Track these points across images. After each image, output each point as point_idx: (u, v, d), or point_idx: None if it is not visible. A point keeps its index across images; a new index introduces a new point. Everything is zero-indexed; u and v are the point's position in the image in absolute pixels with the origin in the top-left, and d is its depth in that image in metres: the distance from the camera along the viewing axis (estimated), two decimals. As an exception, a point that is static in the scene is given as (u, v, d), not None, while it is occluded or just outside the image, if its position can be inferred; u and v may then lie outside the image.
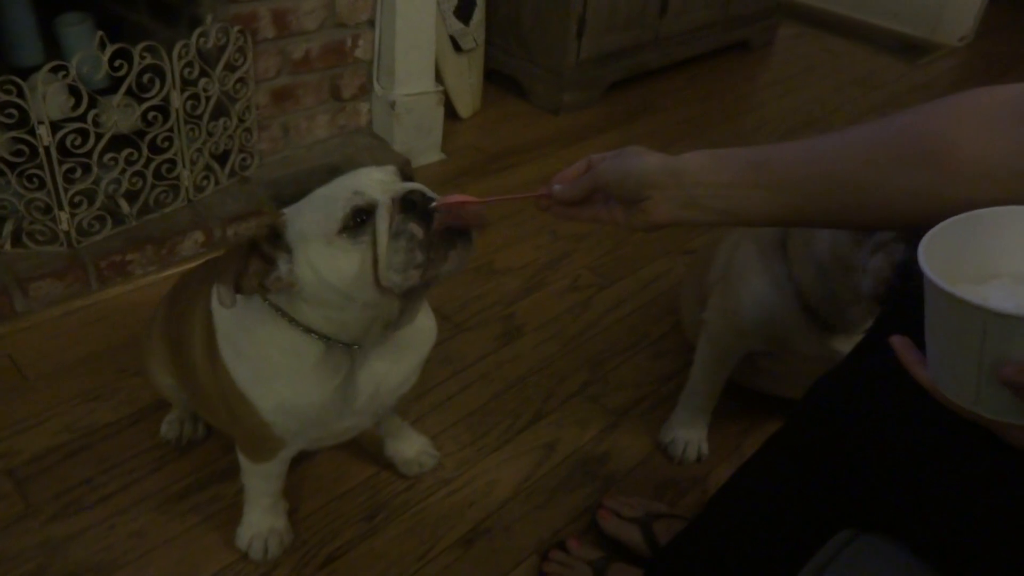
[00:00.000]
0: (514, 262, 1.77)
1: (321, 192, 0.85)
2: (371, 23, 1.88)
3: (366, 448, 1.28)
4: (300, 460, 1.24)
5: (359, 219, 0.81)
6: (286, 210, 0.88)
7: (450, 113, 2.24)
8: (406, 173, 0.88)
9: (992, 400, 0.56)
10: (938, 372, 0.59)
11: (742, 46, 3.07)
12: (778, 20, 3.18)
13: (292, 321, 0.90)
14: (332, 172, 1.84)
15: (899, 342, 0.62)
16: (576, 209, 0.81)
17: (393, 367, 1.00)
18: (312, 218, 0.83)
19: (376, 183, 0.84)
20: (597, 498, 1.26)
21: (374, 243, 0.82)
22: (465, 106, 2.31)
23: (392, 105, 1.95)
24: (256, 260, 0.84)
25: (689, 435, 1.34)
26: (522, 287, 1.70)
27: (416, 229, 0.81)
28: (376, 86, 1.97)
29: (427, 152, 2.08)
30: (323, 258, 0.83)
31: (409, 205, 0.82)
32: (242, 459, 1.07)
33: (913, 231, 0.65)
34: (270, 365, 0.93)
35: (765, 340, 1.21)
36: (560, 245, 1.84)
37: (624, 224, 0.79)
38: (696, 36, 2.79)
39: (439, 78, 2.11)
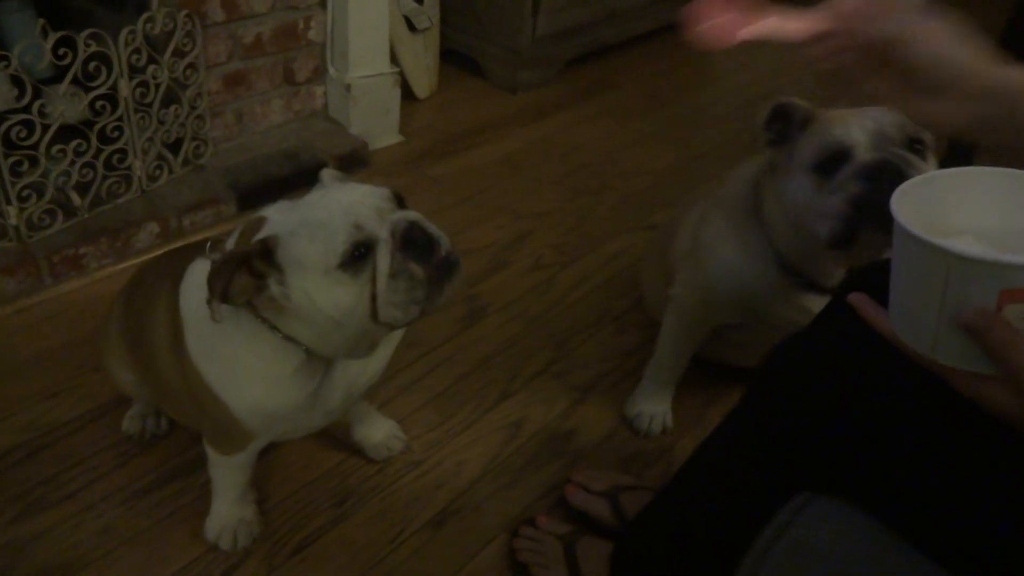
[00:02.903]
0: (476, 243, 1.77)
1: (317, 217, 0.82)
2: (323, 5, 1.86)
3: (334, 434, 1.28)
4: (267, 449, 1.23)
5: (359, 253, 0.81)
6: (277, 226, 0.84)
7: (407, 94, 2.21)
8: (399, 197, 0.88)
9: (949, 347, 0.57)
10: (899, 321, 0.61)
11: (697, 20, 3.07)
12: (732, -7, 3.19)
13: (273, 327, 0.89)
14: (289, 157, 1.83)
15: (856, 298, 0.63)
16: (854, 57, 0.67)
17: (367, 364, 1.01)
18: (310, 248, 0.82)
19: (373, 211, 0.83)
20: (565, 474, 1.27)
21: (373, 278, 0.82)
22: (422, 87, 2.29)
23: (347, 88, 1.93)
24: (244, 276, 0.83)
25: (654, 408, 1.36)
26: (485, 268, 1.70)
27: (417, 270, 0.82)
28: (330, 69, 1.94)
29: (385, 134, 2.07)
30: (320, 289, 0.83)
31: (409, 243, 0.82)
32: (210, 451, 1.07)
33: None
34: (245, 368, 0.92)
35: (738, 311, 1.22)
36: (522, 224, 1.85)
37: (897, 105, 0.66)
38: (651, 11, 2.79)
39: (395, 59, 2.09)
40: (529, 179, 2.02)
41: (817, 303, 1.11)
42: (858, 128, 0.98)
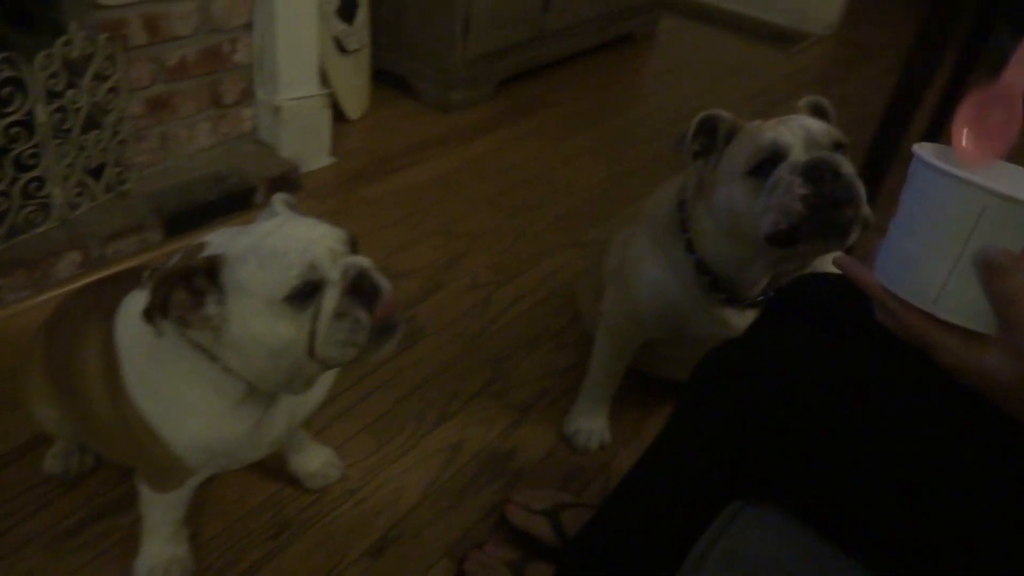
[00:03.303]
0: (412, 264, 1.76)
1: (271, 246, 0.81)
2: (249, 27, 1.83)
3: (268, 464, 1.25)
4: (201, 482, 1.20)
5: (307, 290, 0.81)
6: (222, 249, 0.83)
7: (338, 116, 2.20)
8: (353, 241, 0.87)
9: (955, 298, 0.56)
10: (897, 273, 0.59)
11: (626, 39, 3.14)
12: (658, 13, 3.27)
13: (213, 358, 0.87)
14: (218, 181, 1.80)
15: (842, 259, 0.64)
16: None
17: (308, 394, 0.99)
18: (258, 275, 0.81)
19: (327, 253, 0.83)
20: (506, 495, 1.27)
21: (316, 316, 0.82)
22: (353, 108, 2.28)
23: (277, 110, 1.90)
24: (183, 291, 0.81)
25: (591, 424, 1.37)
26: (421, 289, 1.69)
27: (363, 316, 0.83)
28: (259, 91, 1.91)
29: (316, 156, 2.04)
30: (260, 318, 0.82)
31: (357, 289, 0.82)
32: (143, 488, 1.03)
33: None
34: (186, 402, 0.90)
35: (665, 327, 1.24)
36: (457, 244, 1.85)
37: None
38: (580, 30, 2.84)
39: (325, 80, 2.07)
40: (464, 199, 2.02)
41: (740, 318, 1.14)
42: (789, 132, 1.01)
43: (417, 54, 2.43)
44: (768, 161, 1.01)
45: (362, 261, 0.85)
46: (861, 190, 0.98)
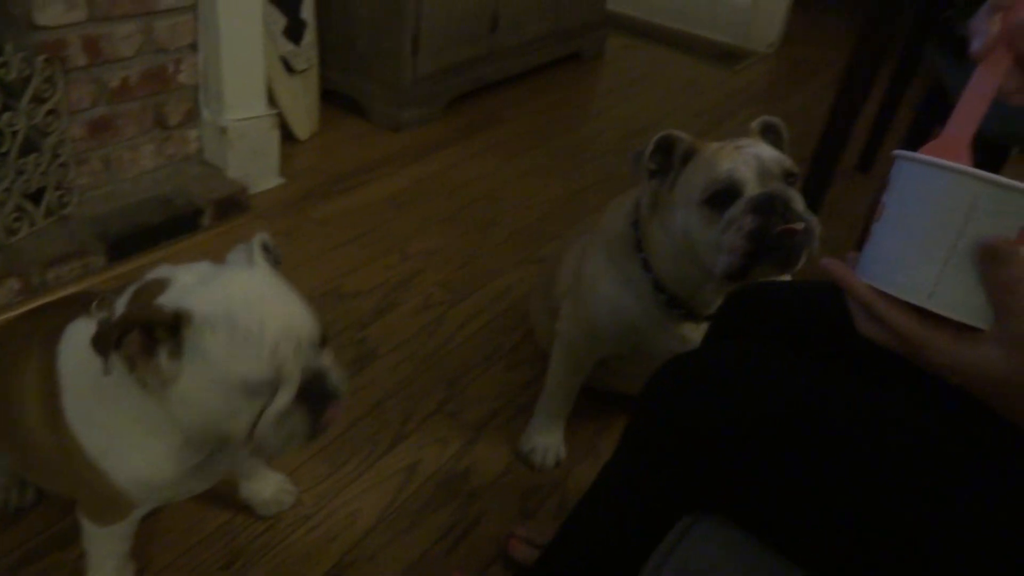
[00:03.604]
0: (364, 284, 1.75)
1: (245, 324, 0.78)
2: (194, 47, 1.81)
3: (220, 491, 1.23)
4: (148, 512, 1.17)
5: (266, 382, 0.80)
6: (191, 301, 0.78)
7: (287, 136, 2.18)
8: (324, 338, 0.86)
9: (951, 290, 0.55)
10: (888, 269, 0.58)
11: (575, 57, 3.18)
12: (606, 32, 3.32)
13: (158, 399, 0.84)
14: (163, 204, 1.76)
15: (829, 262, 0.61)
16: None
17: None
18: (224, 353, 0.78)
19: (296, 346, 0.81)
20: (463, 515, 1.26)
21: (263, 409, 0.81)
22: (302, 128, 2.26)
23: (223, 131, 1.88)
24: (138, 336, 0.77)
25: (547, 441, 1.37)
26: (373, 309, 1.68)
27: (306, 423, 0.82)
28: (204, 112, 1.89)
29: (265, 177, 2.02)
30: (210, 393, 0.80)
31: (309, 392, 0.82)
32: (85, 522, 1.00)
33: None
34: (130, 439, 0.87)
35: (622, 344, 1.25)
36: (410, 264, 1.84)
37: None
38: (530, 49, 2.87)
39: (273, 101, 2.05)
40: (416, 218, 2.02)
41: (698, 332, 1.16)
42: (743, 165, 1.04)
43: (367, 73, 2.43)
44: (724, 193, 1.03)
45: (325, 364, 0.85)
46: (812, 220, 1.01)
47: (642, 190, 1.16)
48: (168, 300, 0.79)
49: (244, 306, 0.78)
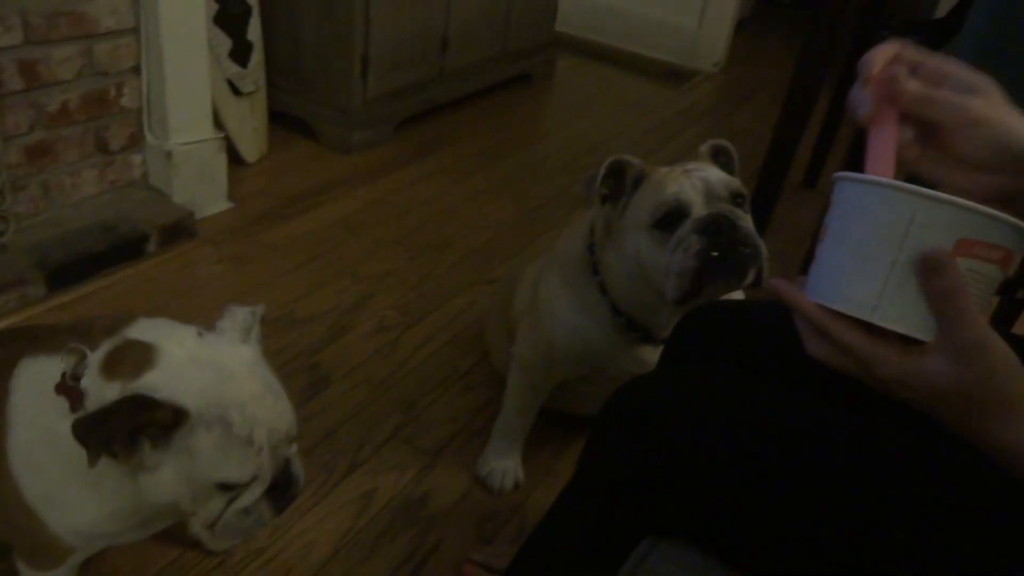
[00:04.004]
0: (316, 309, 1.72)
1: (237, 428, 0.77)
2: (137, 70, 1.77)
3: (168, 527, 1.18)
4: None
5: (239, 485, 0.80)
6: (182, 388, 0.76)
7: (235, 159, 2.14)
8: (293, 436, 0.86)
9: (894, 305, 0.56)
10: (834, 286, 0.59)
11: (524, 78, 3.20)
12: (556, 53, 3.35)
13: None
14: (106, 231, 1.71)
15: (777, 283, 0.61)
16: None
17: None
18: (214, 455, 0.77)
19: (275, 444, 0.81)
20: (422, 541, 1.24)
21: (230, 500, 0.81)
22: (250, 151, 2.23)
23: (169, 155, 1.84)
24: (127, 428, 0.74)
25: (505, 464, 1.36)
26: (326, 334, 1.65)
27: (267, 515, 0.83)
28: (148, 136, 1.85)
29: (212, 201, 1.98)
30: (186, 486, 0.79)
31: (278, 483, 0.83)
32: (21, 567, 0.95)
33: None
34: (76, 494, 0.83)
35: (580, 366, 1.25)
36: (362, 287, 1.82)
37: (933, 174, 0.62)
38: (479, 70, 2.88)
39: (219, 124, 2.02)
40: (368, 240, 2.00)
41: (655, 354, 1.16)
42: (690, 187, 1.05)
43: (315, 95, 2.41)
44: (672, 214, 1.04)
45: (291, 456, 0.85)
46: (758, 239, 1.03)
47: (595, 215, 1.17)
48: (161, 385, 0.76)
49: (238, 406, 0.77)
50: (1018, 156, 0.59)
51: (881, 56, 0.59)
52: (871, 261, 0.56)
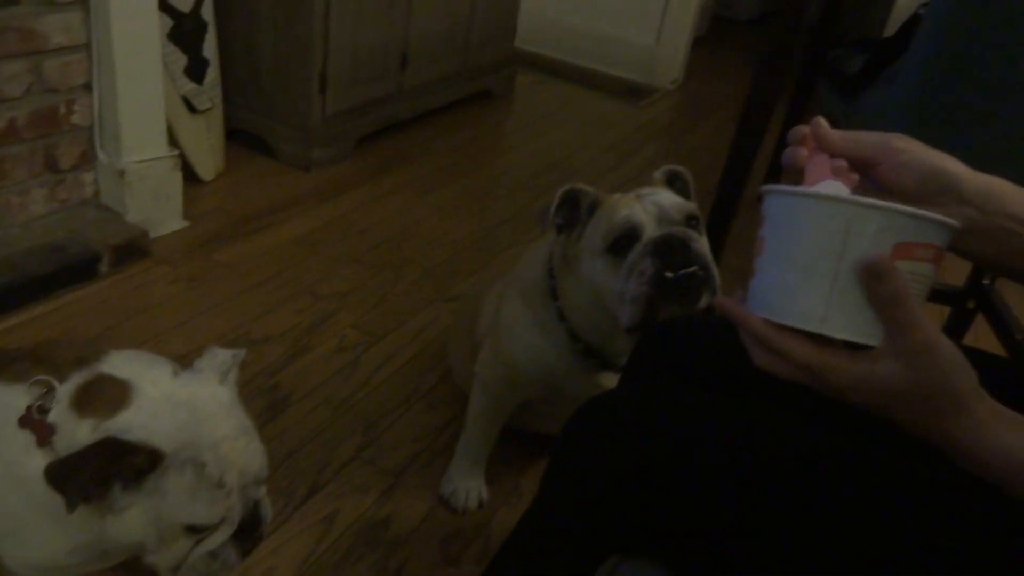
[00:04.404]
0: (274, 329, 1.69)
1: (211, 468, 0.76)
2: (88, 87, 1.73)
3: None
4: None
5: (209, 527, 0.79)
6: (165, 443, 0.75)
7: (191, 177, 2.11)
8: (263, 478, 0.85)
9: (841, 314, 0.56)
10: (779, 301, 0.59)
11: (485, 95, 3.21)
12: (516, 69, 3.37)
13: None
14: (55, 251, 1.67)
15: (724, 302, 0.63)
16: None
17: None
18: (185, 497, 0.76)
19: (246, 487, 0.80)
20: (385, 565, 1.22)
21: (195, 544, 0.79)
22: (207, 169, 2.19)
23: (121, 173, 1.80)
24: (104, 474, 0.72)
25: (468, 483, 1.35)
26: (285, 354, 1.62)
27: (233, 555, 0.82)
28: (100, 154, 1.81)
29: (167, 220, 1.94)
30: (153, 528, 0.77)
31: (246, 526, 0.82)
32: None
33: None
34: (35, 529, 0.80)
35: (540, 388, 1.25)
36: (322, 305, 1.79)
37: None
38: (440, 86, 2.88)
39: (174, 141, 1.99)
40: (327, 258, 1.98)
41: (615, 381, 1.16)
42: (642, 210, 1.05)
43: (274, 112, 2.38)
44: (624, 238, 1.04)
45: (260, 497, 0.84)
46: (710, 260, 1.03)
47: (552, 243, 1.17)
48: (136, 426, 0.75)
49: (212, 448, 0.77)
50: (944, 183, 0.64)
51: (802, 127, 0.67)
52: (814, 273, 0.57)
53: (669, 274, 1.01)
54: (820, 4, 2.27)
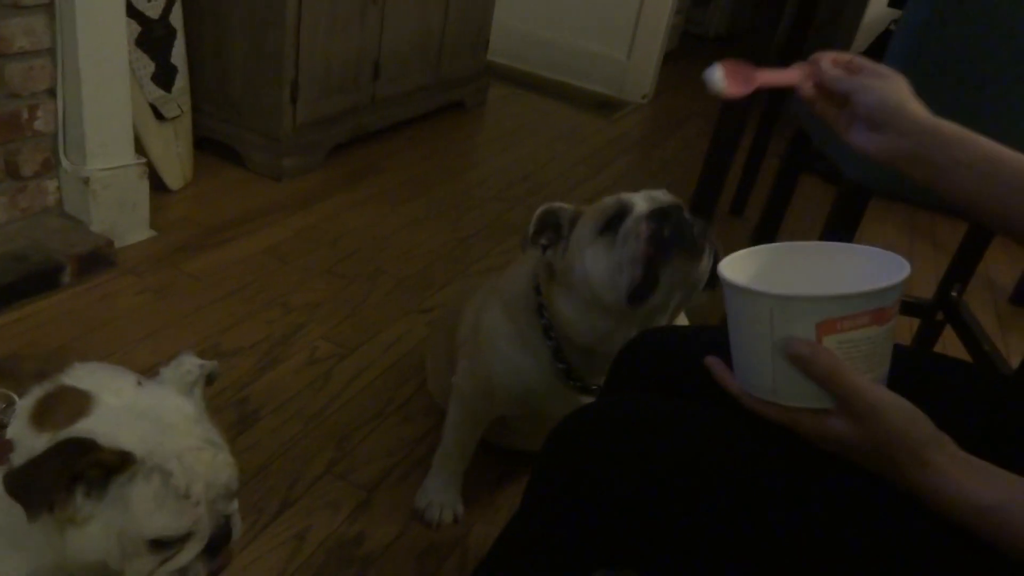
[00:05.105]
0: (244, 341, 1.65)
1: (178, 478, 0.73)
2: (52, 92, 1.69)
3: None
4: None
5: (177, 539, 0.75)
6: (124, 433, 0.73)
7: (158, 186, 2.07)
8: (234, 491, 0.82)
9: (787, 387, 0.62)
10: (742, 375, 0.66)
11: (457, 106, 3.20)
12: (488, 82, 3.37)
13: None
14: (16, 260, 1.62)
15: (711, 361, 0.71)
16: (824, 101, 0.84)
17: None
18: (151, 506, 0.72)
19: (213, 499, 0.77)
20: (356, 583, 1.19)
21: (164, 560, 0.76)
22: (175, 177, 2.15)
23: (86, 181, 1.76)
24: (68, 475, 0.69)
25: (443, 498, 1.32)
26: (255, 367, 1.59)
27: (202, 571, 0.79)
28: (64, 161, 1.76)
29: (133, 230, 1.90)
30: (116, 541, 0.73)
31: (214, 541, 0.78)
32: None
33: None
34: None
35: (518, 404, 1.22)
36: (293, 317, 1.76)
37: (845, 136, 0.82)
38: (412, 98, 2.86)
39: (141, 149, 1.94)
40: (298, 269, 1.94)
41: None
42: (632, 194, 1.05)
43: (244, 121, 2.35)
44: (615, 217, 1.03)
45: (231, 512, 0.81)
46: (708, 227, 1.02)
47: (537, 263, 1.14)
48: (97, 433, 0.71)
49: (178, 458, 0.74)
50: (889, 115, 0.77)
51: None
52: (754, 353, 0.63)
53: (667, 233, 0.98)
54: (788, 22, 2.30)
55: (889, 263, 0.64)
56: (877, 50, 1.42)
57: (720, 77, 0.86)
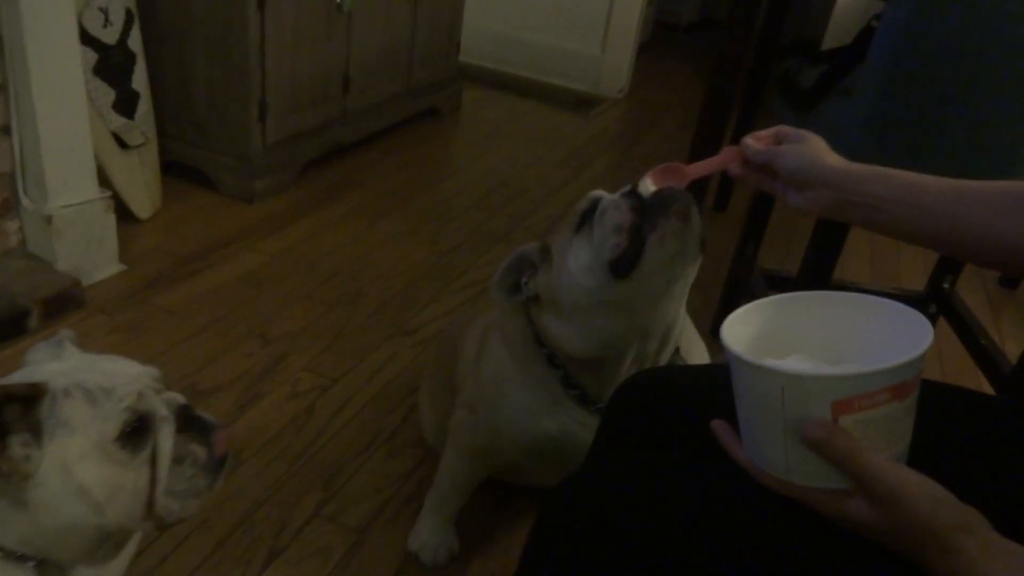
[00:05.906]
0: (222, 378, 1.59)
1: (95, 380, 0.72)
2: (7, 130, 1.62)
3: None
4: None
5: (139, 425, 0.72)
6: (51, 378, 0.71)
7: (126, 216, 2.00)
8: (161, 381, 0.80)
9: (801, 467, 0.58)
10: (751, 448, 0.62)
11: (431, 113, 3.14)
12: (461, 86, 3.31)
13: None
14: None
15: (718, 426, 0.66)
16: (756, 175, 0.90)
17: (107, 568, 0.83)
18: (88, 411, 0.70)
19: (150, 385, 0.76)
20: (352, 634, 1.14)
21: (153, 460, 0.73)
22: (143, 207, 2.08)
23: (48, 220, 1.69)
24: None
25: (438, 539, 1.27)
26: (235, 405, 1.53)
27: (199, 451, 0.75)
28: (24, 200, 1.69)
29: (101, 266, 1.83)
30: (88, 463, 0.70)
31: (186, 423, 0.75)
32: None
33: None
34: None
35: (525, 455, 1.14)
36: (273, 349, 1.70)
37: (784, 201, 0.87)
38: (384, 108, 2.80)
39: (106, 181, 1.88)
40: (276, 296, 1.88)
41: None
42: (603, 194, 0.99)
43: (211, 143, 2.28)
44: (589, 211, 0.98)
45: (180, 397, 0.79)
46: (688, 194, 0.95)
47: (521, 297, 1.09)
48: (14, 379, 0.72)
49: (82, 371, 0.73)
50: (810, 172, 0.82)
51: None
52: (766, 429, 0.59)
53: (647, 200, 0.92)
54: (764, 12, 2.26)
55: (905, 321, 0.59)
56: (857, 52, 1.37)
57: (650, 185, 0.91)
